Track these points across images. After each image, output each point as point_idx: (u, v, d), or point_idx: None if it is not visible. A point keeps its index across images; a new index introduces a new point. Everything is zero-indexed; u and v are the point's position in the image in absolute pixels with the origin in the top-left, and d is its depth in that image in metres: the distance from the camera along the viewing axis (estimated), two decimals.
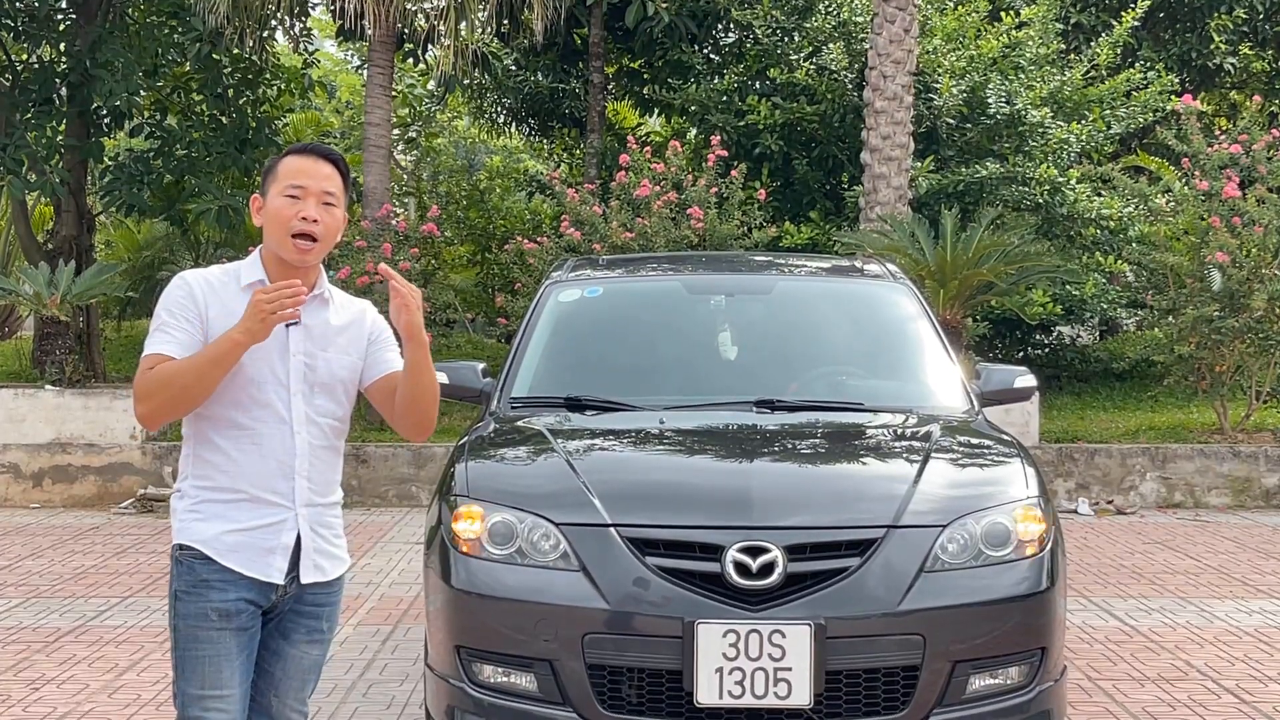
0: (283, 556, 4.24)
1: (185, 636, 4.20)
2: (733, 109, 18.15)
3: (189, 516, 4.24)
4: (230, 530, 4.19)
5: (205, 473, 4.24)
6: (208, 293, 4.25)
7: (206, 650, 4.18)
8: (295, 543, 4.27)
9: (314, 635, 4.42)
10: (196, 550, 4.20)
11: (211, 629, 4.18)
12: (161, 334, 4.19)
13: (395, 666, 7.83)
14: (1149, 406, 16.69)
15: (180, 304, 4.22)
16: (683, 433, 6.48)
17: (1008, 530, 5.68)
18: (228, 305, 4.22)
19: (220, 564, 4.17)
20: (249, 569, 4.19)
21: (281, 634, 4.35)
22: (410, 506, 13.44)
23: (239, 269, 4.34)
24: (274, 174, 4.30)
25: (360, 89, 32.03)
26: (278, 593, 4.26)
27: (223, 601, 4.18)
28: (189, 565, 4.21)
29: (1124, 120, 18.14)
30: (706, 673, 5.29)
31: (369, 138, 16.91)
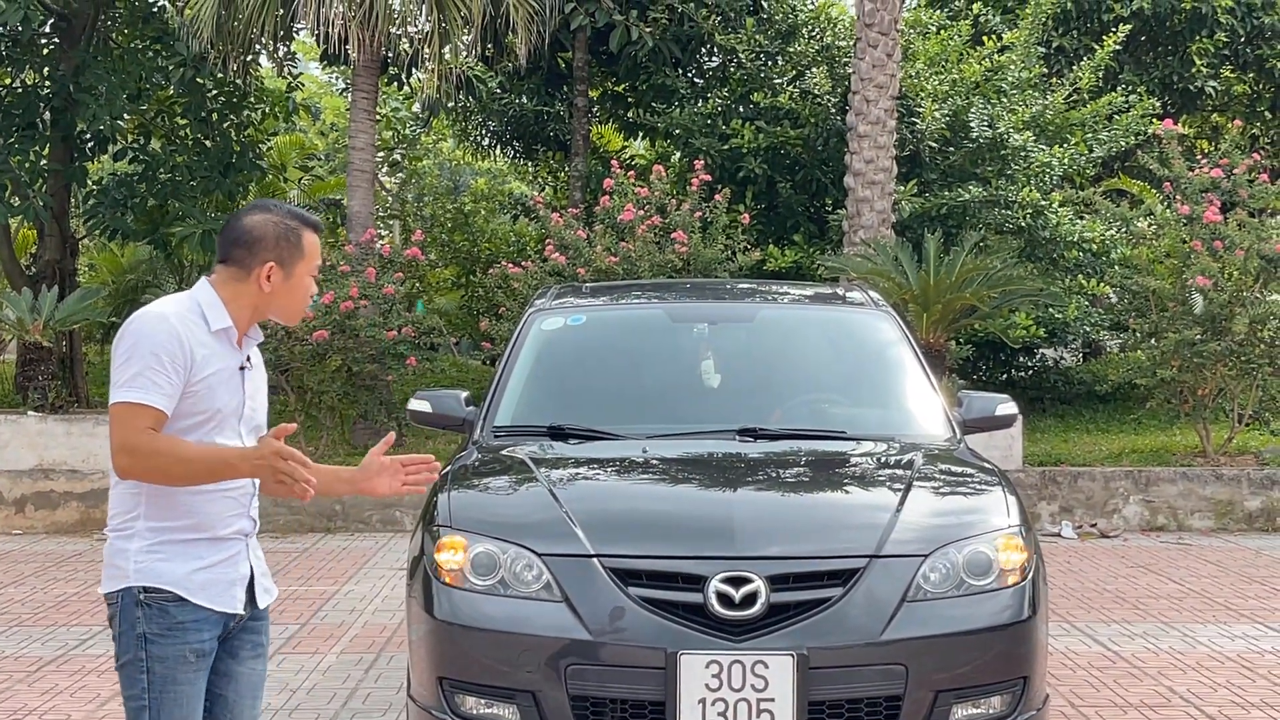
0: (242, 587, 4.35)
1: (162, 678, 4.21)
2: (716, 133, 18.20)
3: (150, 558, 4.22)
4: (198, 568, 4.23)
5: (165, 514, 4.23)
6: (189, 337, 4.23)
7: (184, 690, 4.23)
8: (250, 573, 4.40)
9: (258, 650, 4.50)
10: (168, 592, 4.21)
11: (190, 669, 4.24)
12: (149, 379, 4.14)
13: (378, 695, 7.82)
14: (1132, 429, 16.73)
15: (168, 349, 4.17)
16: (665, 462, 6.49)
17: (989, 559, 5.69)
18: (206, 348, 4.25)
19: (193, 603, 4.21)
20: (218, 604, 4.26)
21: (231, 655, 4.42)
22: (394, 532, 13.41)
23: (199, 308, 4.32)
24: (300, 250, 4.38)
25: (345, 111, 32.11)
26: (235, 621, 4.35)
27: (199, 643, 4.24)
28: (160, 608, 4.21)
29: (1106, 144, 18.23)
30: (689, 704, 5.29)
31: (353, 162, 16.91)
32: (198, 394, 4.20)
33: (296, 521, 13.48)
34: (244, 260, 4.35)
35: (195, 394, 4.20)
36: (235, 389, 4.33)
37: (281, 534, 13.35)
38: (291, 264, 4.37)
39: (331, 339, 13.98)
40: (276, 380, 14.47)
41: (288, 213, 4.44)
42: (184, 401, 4.19)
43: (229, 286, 4.35)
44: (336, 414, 14.85)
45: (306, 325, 13.92)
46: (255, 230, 4.36)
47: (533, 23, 16.64)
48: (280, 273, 4.35)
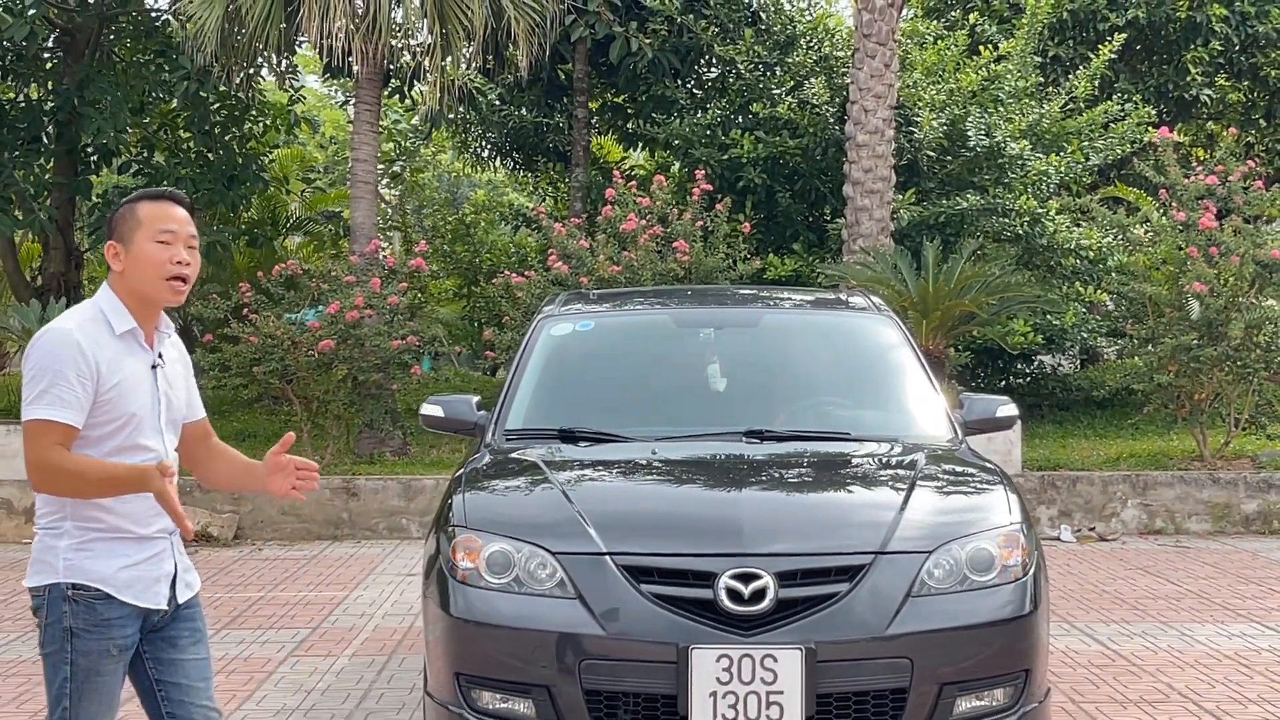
0: (166, 583, 4.52)
1: (85, 670, 4.36)
2: (716, 143, 18.38)
3: (79, 555, 4.35)
4: (124, 566, 4.39)
5: (90, 514, 4.36)
6: (94, 347, 4.36)
7: (105, 681, 4.40)
8: (173, 569, 4.56)
9: (196, 636, 4.66)
10: (95, 590, 4.35)
11: (112, 663, 4.40)
12: (56, 395, 4.27)
13: (391, 696, 7.95)
14: (1129, 434, 16.89)
15: (73, 362, 4.30)
16: (674, 463, 6.64)
17: (992, 556, 5.84)
18: (110, 354, 4.39)
19: (119, 600, 4.36)
20: (142, 600, 4.43)
21: (171, 645, 4.59)
22: (401, 539, 13.56)
23: (100, 313, 4.47)
24: (135, 220, 4.47)
25: (344, 124, 32.28)
26: (159, 615, 4.52)
27: (122, 638, 4.40)
28: (87, 605, 4.34)
29: (1102, 152, 18.40)
30: (701, 697, 5.42)
31: (356, 173, 17.06)
32: (110, 401, 4.34)
33: (304, 529, 13.62)
34: (108, 250, 4.52)
35: (107, 401, 4.34)
36: (148, 390, 4.47)
37: (289, 541, 13.50)
38: (129, 236, 4.46)
39: (337, 348, 14.12)
40: (282, 390, 14.62)
41: (138, 194, 4.59)
42: (97, 410, 4.33)
43: (113, 281, 4.52)
44: (342, 423, 14.99)
45: (313, 335, 14.08)
46: (109, 221, 4.57)
47: (533, 34, 16.79)
48: (120, 247, 4.47)
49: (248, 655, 8.96)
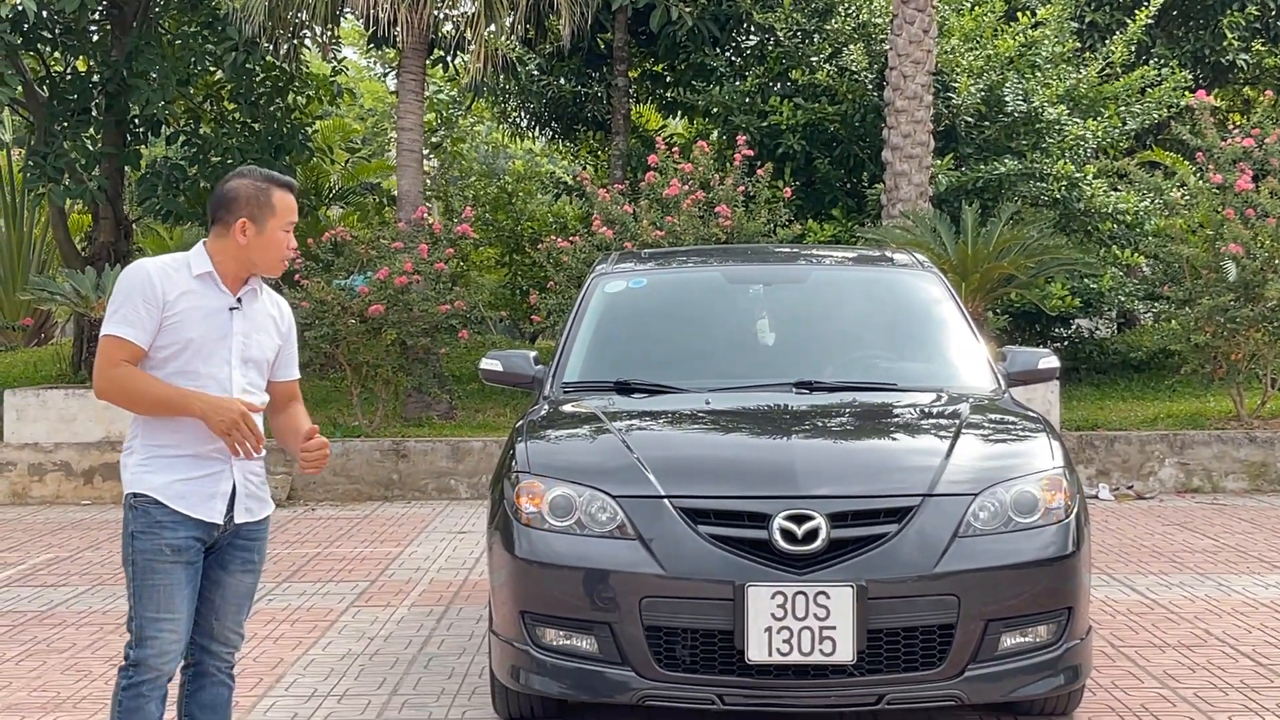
0: (222, 501, 5.00)
1: (142, 569, 4.93)
2: (755, 110, 18.56)
3: (140, 470, 4.97)
4: (177, 480, 4.95)
5: (154, 434, 4.97)
6: (164, 281, 4.95)
7: (161, 580, 4.91)
8: (231, 490, 5.02)
9: (247, 565, 5.16)
10: (149, 497, 4.92)
11: (166, 562, 4.91)
12: (124, 315, 4.91)
13: (451, 642, 8.23)
14: (1166, 396, 17.06)
15: (142, 289, 4.92)
16: (727, 412, 6.89)
17: (1035, 498, 6.08)
18: (181, 288, 4.97)
19: (170, 508, 4.90)
20: (194, 511, 4.93)
21: (221, 565, 5.09)
22: (449, 499, 13.85)
23: (187, 259, 5.06)
24: (270, 208, 5.02)
25: (384, 96, 32.53)
26: (218, 530, 5.00)
27: (174, 539, 4.91)
28: (144, 510, 4.93)
29: (1139, 116, 18.50)
30: (756, 632, 5.68)
31: (402, 143, 17.32)
32: (173, 326, 4.91)
33: (355, 490, 13.94)
34: (225, 219, 5.02)
35: (171, 326, 4.91)
36: (219, 322, 4.99)
37: (341, 502, 13.81)
38: (263, 219, 5.00)
39: (386, 313, 14.39)
40: (332, 354, 14.90)
41: (262, 176, 5.10)
42: (162, 334, 4.91)
43: (217, 243, 5.04)
44: (391, 386, 15.27)
45: (362, 300, 14.36)
46: (232, 192, 5.05)
47: (575, 3, 17.00)
48: (253, 227, 4.99)
49: (310, 605, 9.25)
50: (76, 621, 8.88)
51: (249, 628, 8.46)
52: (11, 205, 24.38)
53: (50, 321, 25.53)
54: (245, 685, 7.36)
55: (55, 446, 14.11)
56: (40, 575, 10.37)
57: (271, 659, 7.93)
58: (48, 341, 25.04)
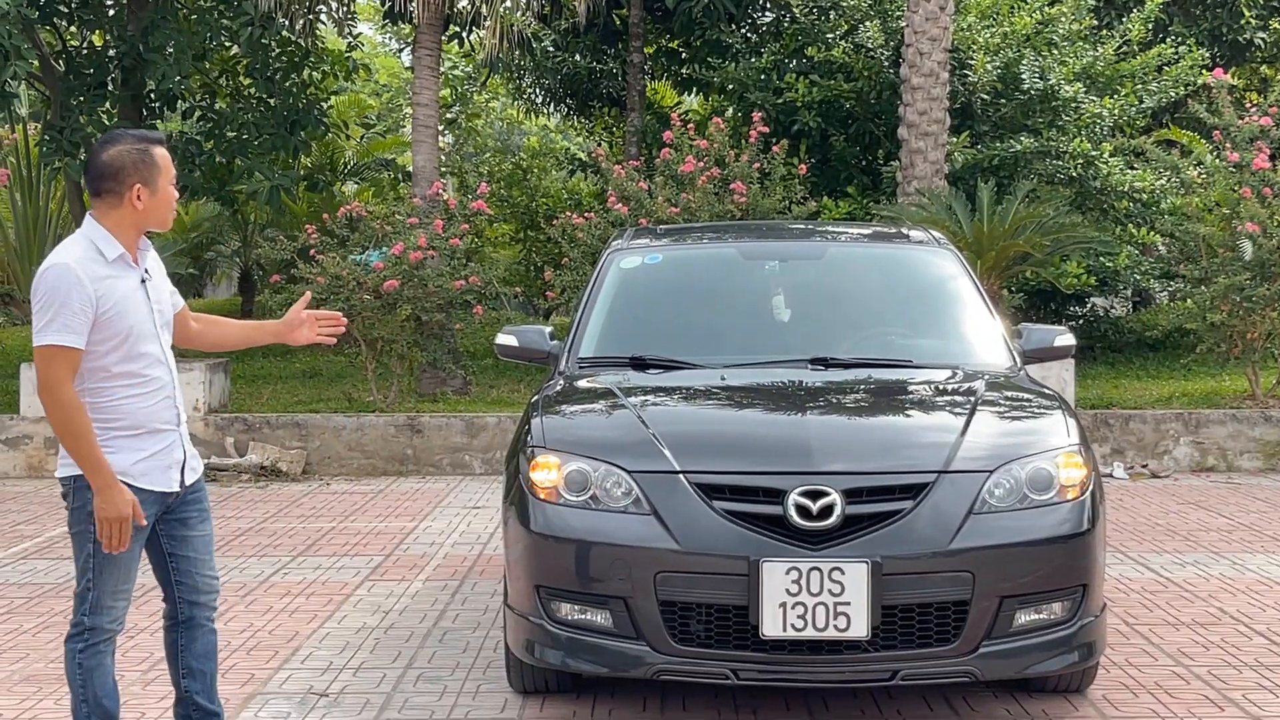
0: (177, 470, 5.26)
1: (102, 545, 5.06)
2: (771, 87, 18.51)
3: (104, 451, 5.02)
4: (141, 458, 5.13)
5: (109, 416, 5.08)
6: (90, 276, 4.99)
7: (124, 557, 5.10)
8: (183, 456, 5.30)
9: (203, 515, 5.44)
10: None
11: (129, 539, 5.05)
12: (64, 323, 4.95)
13: (466, 616, 8.26)
14: (1182, 375, 17.04)
15: (76, 290, 4.95)
16: (743, 388, 6.90)
17: (1050, 475, 6.07)
18: (104, 280, 5.03)
19: (137, 486, 5.06)
20: (157, 485, 5.17)
21: (183, 524, 5.35)
22: (464, 475, 13.87)
23: (93, 243, 5.07)
24: (156, 166, 5.11)
25: (399, 71, 32.53)
26: (173, 498, 5.26)
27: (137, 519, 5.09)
28: None
29: (1156, 95, 18.45)
30: (771, 607, 5.69)
31: (417, 118, 17.32)
32: (109, 320, 5.00)
33: (370, 465, 13.96)
34: (115, 189, 5.07)
35: (107, 320, 5.00)
36: (141, 301, 5.12)
37: (356, 477, 13.84)
38: (154, 180, 5.11)
39: (401, 288, 14.40)
40: (348, 329, 14.88)
41: (136, 137, 5.17)
42: (99, 329, 4.99)
43: (110, 216, 5.10)
44: (406, 362, 15.28)
45: (377, 276, 14.36)
46: (117, 160, 5.10)
47: None
48: (147, 190, 5.10)
49: (325, 580, 9.28)
50: None
51: (264, 602, 8.53)
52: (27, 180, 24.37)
53: None
54: (261, 658, 7.41)
55: None
56: (56, 548, 10.41)
57: (287, 632, 7.96)
58: None
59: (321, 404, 15.16)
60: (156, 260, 5.32)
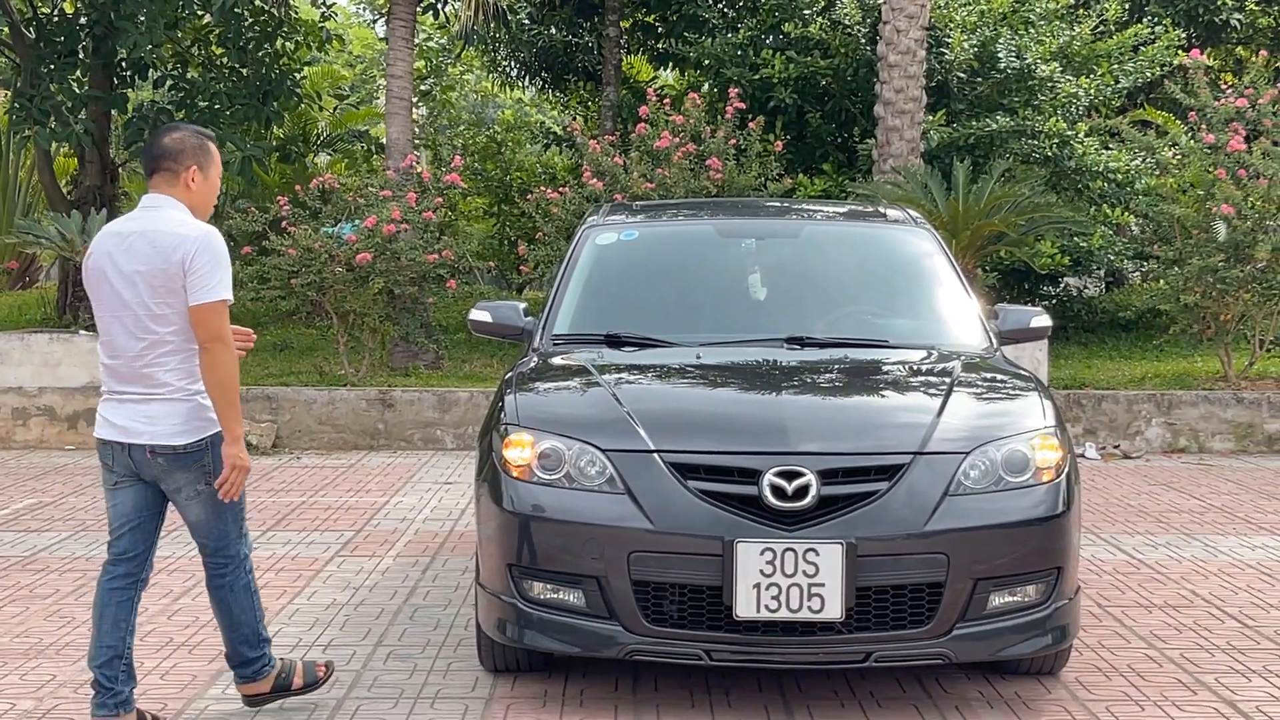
0: None
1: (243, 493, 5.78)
2: (747, 63, 18.42)
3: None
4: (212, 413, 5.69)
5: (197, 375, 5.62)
6: None
7: None
8: None
9: None
10: None
11: None
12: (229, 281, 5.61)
13: (436, 593, 8.21)
14: (1154, 355, 17.04)
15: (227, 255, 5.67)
16: (718, 367, 6.86)
17: (1026, 457, 6.05)
18: None
19: None
20: None
21: None
22: (435, 450, 13.81)
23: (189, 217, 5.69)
24: (211, 156, 5.75)
25: (373, 43, 32.34)
26: None
27: None
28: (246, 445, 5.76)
29: (1132, 75, 18.44)
30: (745, 588, 5.66)
31: (391, 90, 17.21)
32: None
33: (341, 439, 13.88)
34: (173, 169, 5.64)
35: None
36: None
37: (326, 451, 13.75)
38: (208, 166, 5.72)
39: (374, 261, 14.30)
40: (318, 302, 14.83)
41: (195, 130, 5.77)
42: None
43: (172, 192, 5.67)
44: (378, 335, 15.20)
45: (350, 248, 14.26)
46: (177, 144, 5.67)
47: None
48: (200, 175, 5.69)
49: (295, 554, 9.22)
50: (60, 567, 8.85)
51: None
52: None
53: (35, 265, 25.39)
54: None
55: (39, 391, 14.04)
56: (24, 520, 10.33)
57: None
58: (32, 285, 24.92)
59: (292, 377, 15.06)
60: None
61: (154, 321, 5.51)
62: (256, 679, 6.04)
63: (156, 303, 5.50)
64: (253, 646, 5.98)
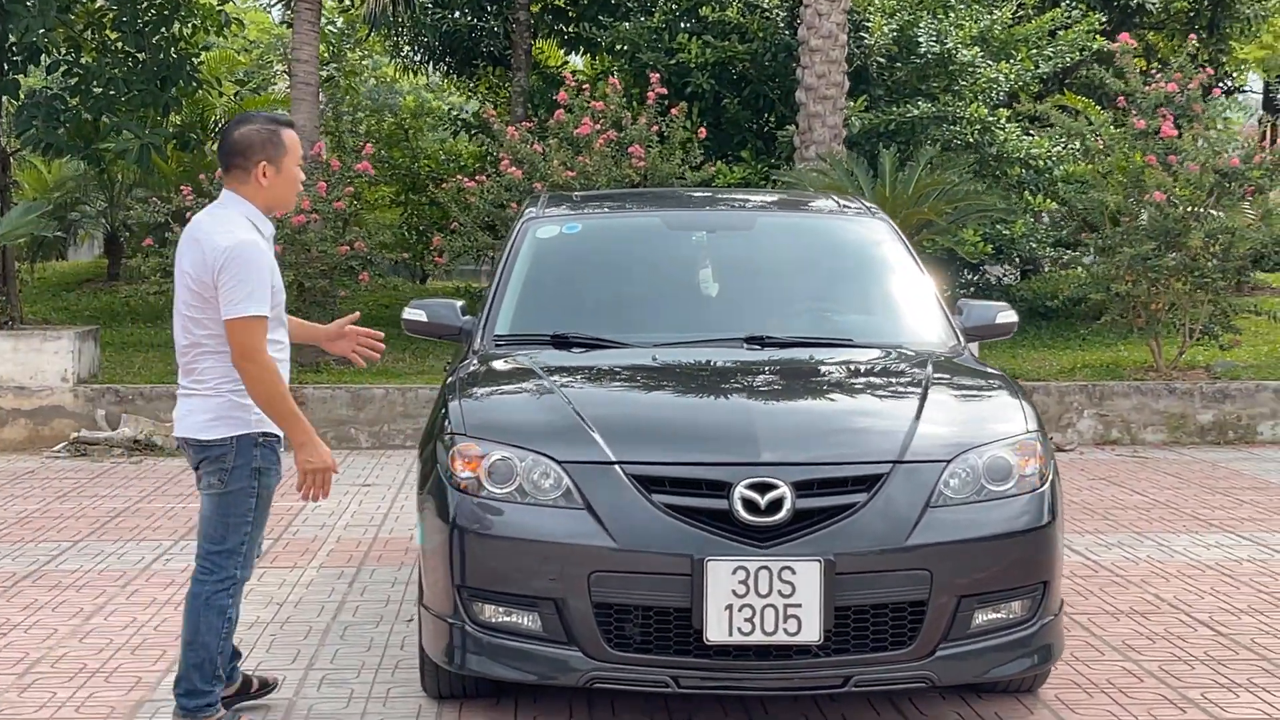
0: None
1: (265, 500, 5.62)
2: (662, 47, 18.00)
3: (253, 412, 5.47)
4: None
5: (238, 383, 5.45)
6: (266, 253, 5.47)
7: (268, 510, 5.67)
8: None
9: None
10: (276, 436, 5.56)
11: (271, 494, 5.67)
12: (258, 296, 5.35)
13: (366, 608, 7.73)
14: (1078, 345, 16.84)
15: (259, 265, 5.38)
16: (678, 369, 6.41)
17: (1009, 465, 5.68)
18: (267, 254, 5.50)
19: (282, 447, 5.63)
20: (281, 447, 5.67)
21: None
22: (350, 449, 13.26)
23: (251, 223, 5.48)
24: (283, 146, 5.48)
25: (269, 27, 31.62)
26: None
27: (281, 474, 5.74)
28: (273, 448, 5.60)
29: (1051, 60, 18.24)
30: (716, 610, 5.24)
31: (297, 75, 16.63)
32: (274, 289, 5.45)
33: None
34: (243, 165, 5.45)
35: (273, 290, 5.43)
36: (278, 272, 5.56)
37: None
38: (279, 159, 5.47)
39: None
40: None
41: (266, 119, 5.55)
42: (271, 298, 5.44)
43: (245, 190, 5.48)
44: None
45: None
46: (244, 139, 5.46)
47: None
48: (272, 168, 5.45)
49: None
50: None
51: (146, 593, 7.94)
52: None
53: None
54: (148, 658, 6.87)
55: None
56: None
57: (174, 628, 7.33)
58: None
59: None
60: None
61: (193, 324, 5.49)
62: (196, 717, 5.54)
63: (192, 307, 5.46)
64: (205, 678, 5.57)
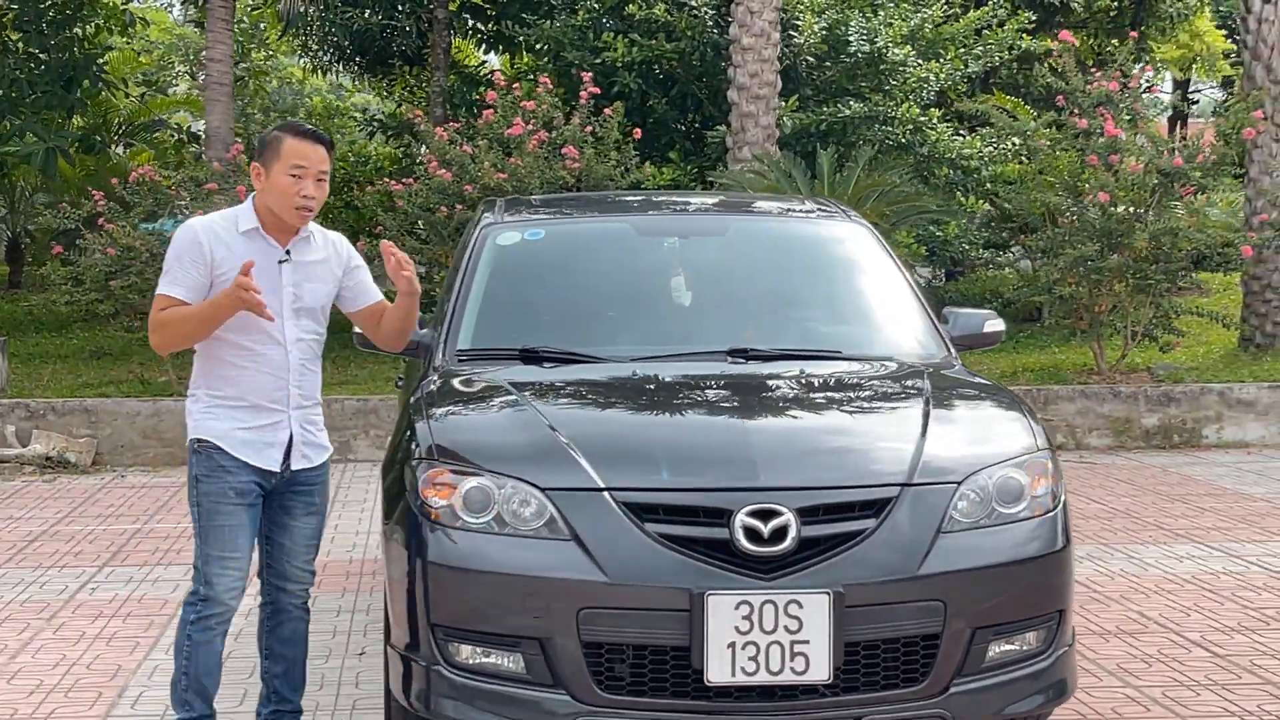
0: (279, 450, 5.39)
1: (208, 511, 5.32)
2: (587, 46, 17.56)
3: (204, 416, 5.34)
4: (238, 428, 5.31)
5: (216, 384, 5.34)
6: (212, 239, 5.28)
7: (225, 521, 5.30)
8: (289, 438, 5.41)
9: (310, 509, 5.58)
10: (211, 443, 5.29)
11: (229, 504, 5.31)
12: (170, 276, 5.26)
13: (316, 642, 7.15)
14: (1013, 348, 16.59)
15: (189, 250, 5.26)
16: (661, 386, 5.94)
17: (1020, 485, 5.29)
18: (231, 247, 5.28)
19: (231, 454, 5.29)
20: (254, 459, 5.32)
21: (285, 511, 5.51)
22: None
23: (235, 215, 5.39)
24: (277, 152, 5.28)
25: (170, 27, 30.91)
26: (275, 477, 5.40)
27: (236, 482, 5.31)
28: (207, 454, 5.31)
29: (980, 59, 18.01)
30: (717, 648, 4.82)
31: (211, 74, 16.06)
32: (224, 281, 5.18)
33: (169, 454, 12.66)
34: (254, 165, 5.38)
35: (222, 282, 5.19)
36: (270, 278, 5.25)
37: (153, 467, 12.63)
38: (269, 164, 5.29)
39: None
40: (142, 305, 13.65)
41: (282, 124, 5.47)
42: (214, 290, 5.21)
43: (257, 197, 5.37)
44: None
45: None
46: (260, 138, 5.44)
47: None
48: (263, 171, 5.32)
49: (140, 596, 8.21)
50: None
51: (74, 626, 7.43)
52: None
53: None
54: (83, 702, 6.39)
55: None
56: None
57: (108, 666, 6.90)
58: None
59: (111, 387, 13.87)
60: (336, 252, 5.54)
61: None
62: None
63: None
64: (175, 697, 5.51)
